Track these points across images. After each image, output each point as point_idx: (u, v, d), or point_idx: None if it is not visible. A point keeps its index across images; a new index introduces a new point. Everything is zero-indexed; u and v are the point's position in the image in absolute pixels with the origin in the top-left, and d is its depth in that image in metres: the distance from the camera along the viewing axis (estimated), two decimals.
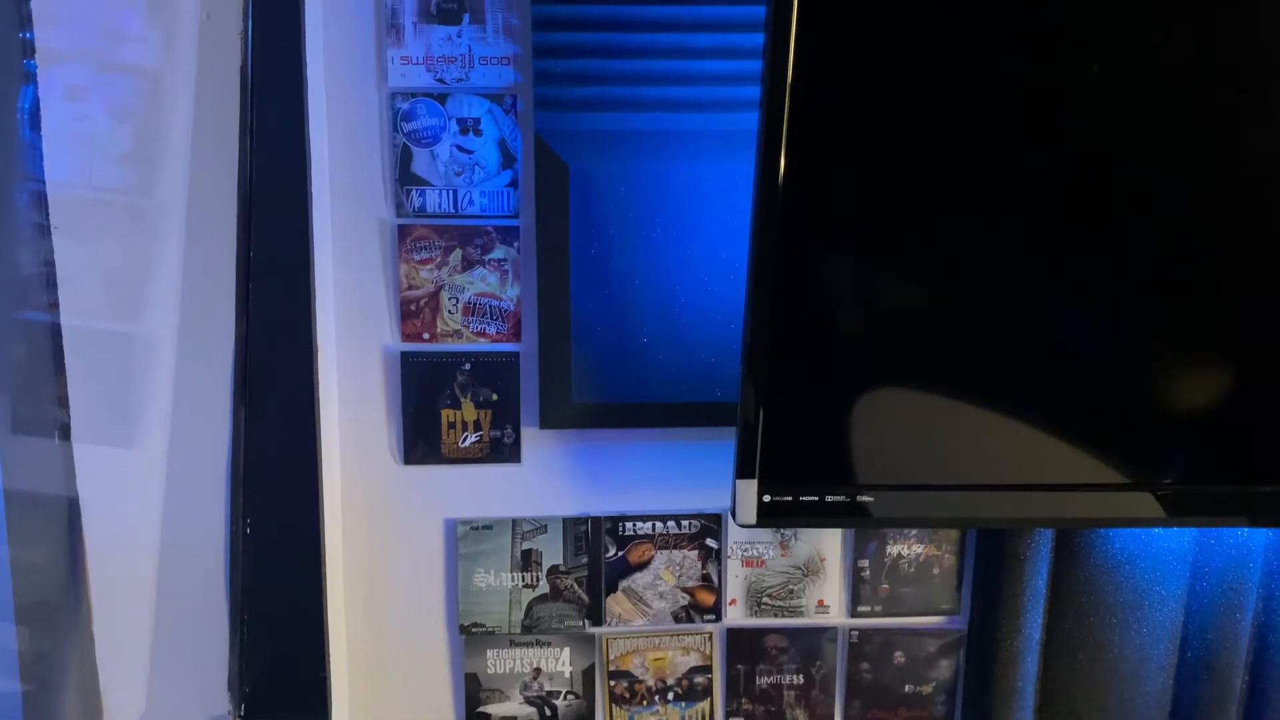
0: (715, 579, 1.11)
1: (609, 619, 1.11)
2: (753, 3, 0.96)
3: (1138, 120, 0.87)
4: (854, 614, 1.12)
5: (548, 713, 1.12)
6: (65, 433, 1.00)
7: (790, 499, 0.94)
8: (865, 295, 0.90)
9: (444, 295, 1.04)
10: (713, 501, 1.10)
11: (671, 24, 0.97)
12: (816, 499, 0.94)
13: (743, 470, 0.92)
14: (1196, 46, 0.85)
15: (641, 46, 0.98)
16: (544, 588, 1.10)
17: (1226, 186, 0.89)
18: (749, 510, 0.94)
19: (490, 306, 1.04)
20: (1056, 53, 0.84)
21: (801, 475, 0.93)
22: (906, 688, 1.14)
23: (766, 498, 0.93)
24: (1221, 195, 0.89)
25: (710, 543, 1.10)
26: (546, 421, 1.05)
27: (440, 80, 1.00)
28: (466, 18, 0.99)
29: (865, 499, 0.95)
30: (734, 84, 0.98)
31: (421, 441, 1.06)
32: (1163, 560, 1.07)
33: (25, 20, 0.91)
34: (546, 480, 1.08)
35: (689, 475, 1.09)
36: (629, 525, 1.09)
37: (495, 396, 1.06)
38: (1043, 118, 0.86)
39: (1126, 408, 0.94)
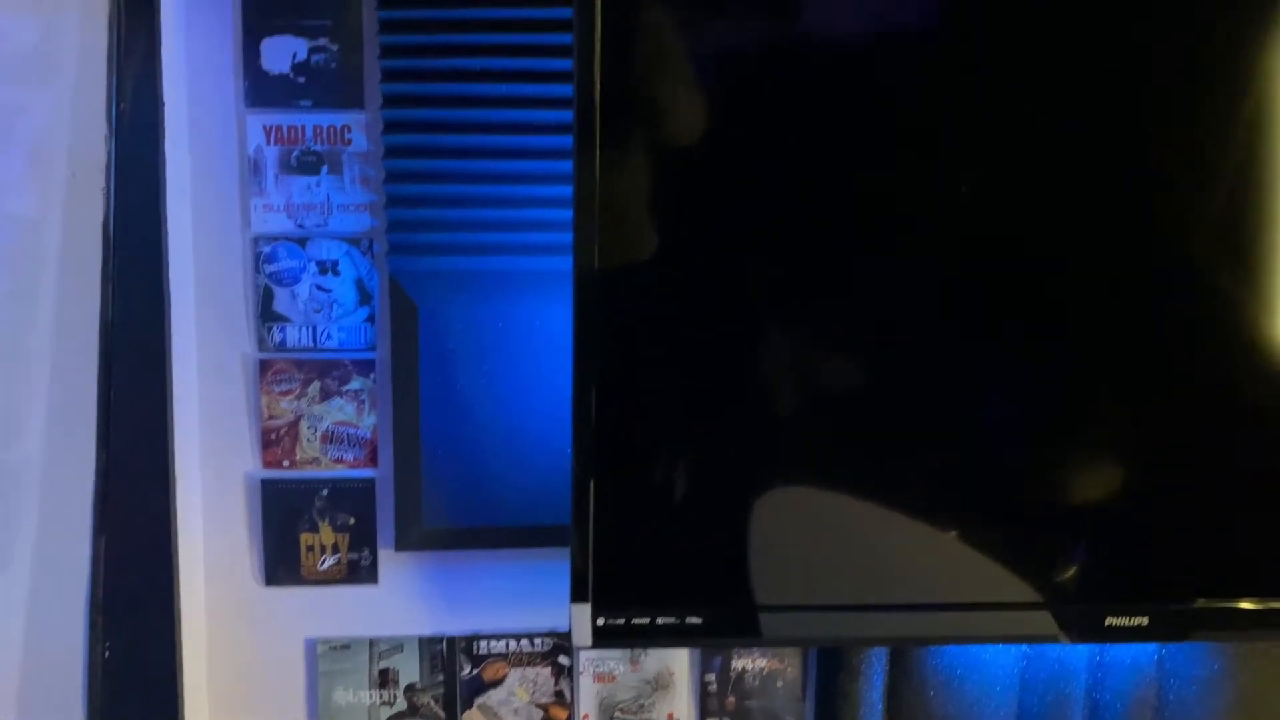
0: (568, 694, 1.15)
1: None
2: None
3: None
4: None
5: None
6: None
7: (623, 622, 0.98)
8: (684, 423, 0.96)
9: (303, 424, 1.10)
10: (564, 620, 1.14)
11: (516, 176, 1.05)
12: (648, 622, 0.99)
13: (576, 594, 0.97)
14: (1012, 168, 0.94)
15: (487, 197, 1.06)
16: (401, 705, 1.14)
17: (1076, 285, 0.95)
18: (584, 633, 0.98)
19: (348, 434, 1.10)
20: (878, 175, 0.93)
21: (633, 598, 0.97)
22: None
23: (600, 620, 0.98)
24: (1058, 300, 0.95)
25: (562, 659, 1.15)
26: (401, 544, 1.11)
27: (300, 225, 1.08)
28: (325, 169, 1.07)
29: (694, 621, 1.00)
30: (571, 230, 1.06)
31: (282, 564, 1.11)
32: (992, 673, 1.13)
33: None
34: (403, 601, 1.13)
35: (541, 594, 1.14)
36: (483, 644, 1.14)
37: (352, 520, 1.11)
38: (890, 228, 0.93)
39: (983, 521, 0.98)
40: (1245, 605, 0.99)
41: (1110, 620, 0.98)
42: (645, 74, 0.87)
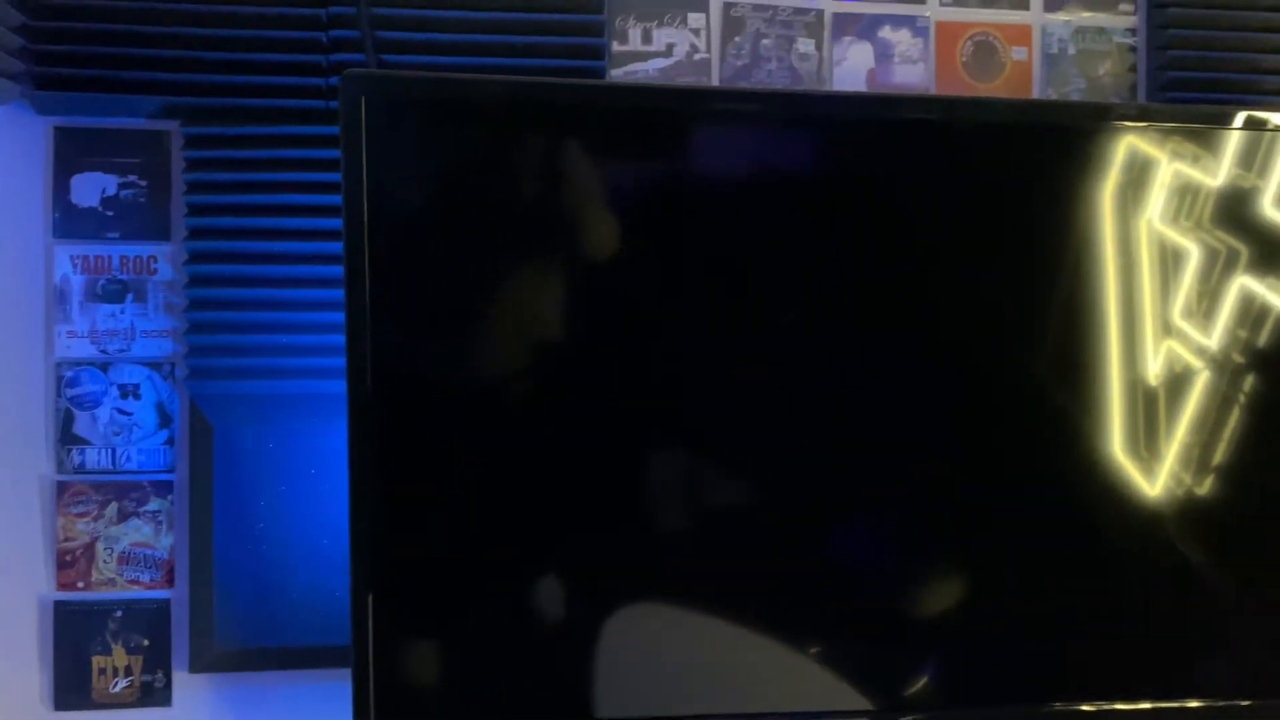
0: None
1: None
2: None
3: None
4: None
5: None
6: None
7: None
8: (460, 541, 0.99)
9: (99, 546, 1.11)
10: None
11: (310, 304, 1.11)
12: None
13: (359, 713, 0.99)
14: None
15: (282, 323, 1.11)
16: None
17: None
18: None
19: (145, 555, 1.12)
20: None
21: (416, 717, 0.99)
22: None
23: None
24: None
25: None
26: (196, 665, 1.11)
27: (104, 351, 1.11)
28: (130, 297, 1.11)
29: None
30: None
31: (73, 688, 1.11)
32: None
33: None
34: None
35: (335, 714, 1.14)
36: None
37: (146, 642, 1.11)
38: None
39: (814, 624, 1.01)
40: (1086, 708, 1.03)
41: None
42: (408, 219, 0.93)
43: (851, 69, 1.20)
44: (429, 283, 0.94)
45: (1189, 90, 1.23)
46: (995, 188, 1.01)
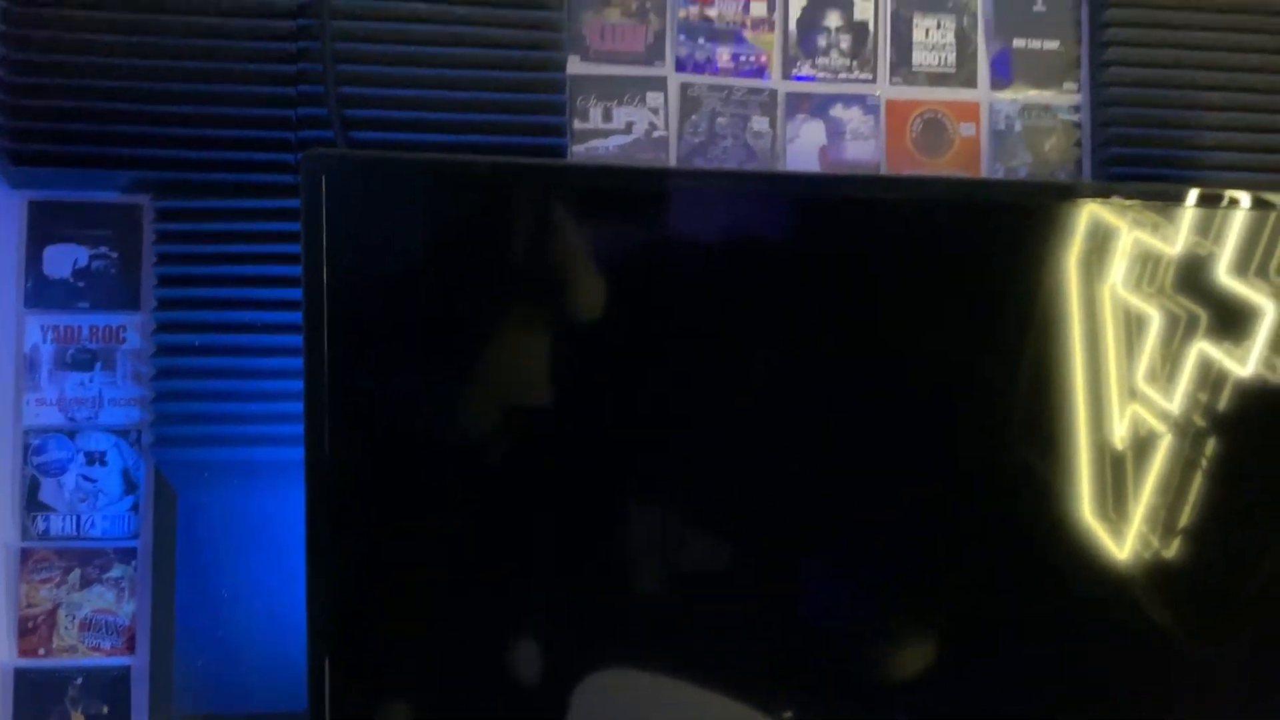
0: None
1: None
2: None
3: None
4: None
5: None
6: None
7: None
8: (417, 608, 1.01)
9: (61, 613, 1.12)
10: None
11: (275, 372, 1.13)
12: None
13: None
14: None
15: (248, 391, 1.13)
16: None
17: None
18: None
19: (107, 622, 1.13)
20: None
21: None
22: None
23: None
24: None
25: None
26: None
27: (71, 419, 1.13)
28: (99, 365, 1.14)
29: None
30: None
31: None
32: None
33: None
34: None
35: None
36: None
37: (106, 709, 1.12)
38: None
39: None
40: None
41: None
42: (366, 292, 0.96)
43: (804, 146, 1.25)
44: (386, 353, 0.97)
45: (1132, 165, 1.27)
46: (960, 260, 1.05)
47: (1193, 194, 1.06)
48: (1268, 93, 1.29)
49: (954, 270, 1.05)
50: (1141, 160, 1.28)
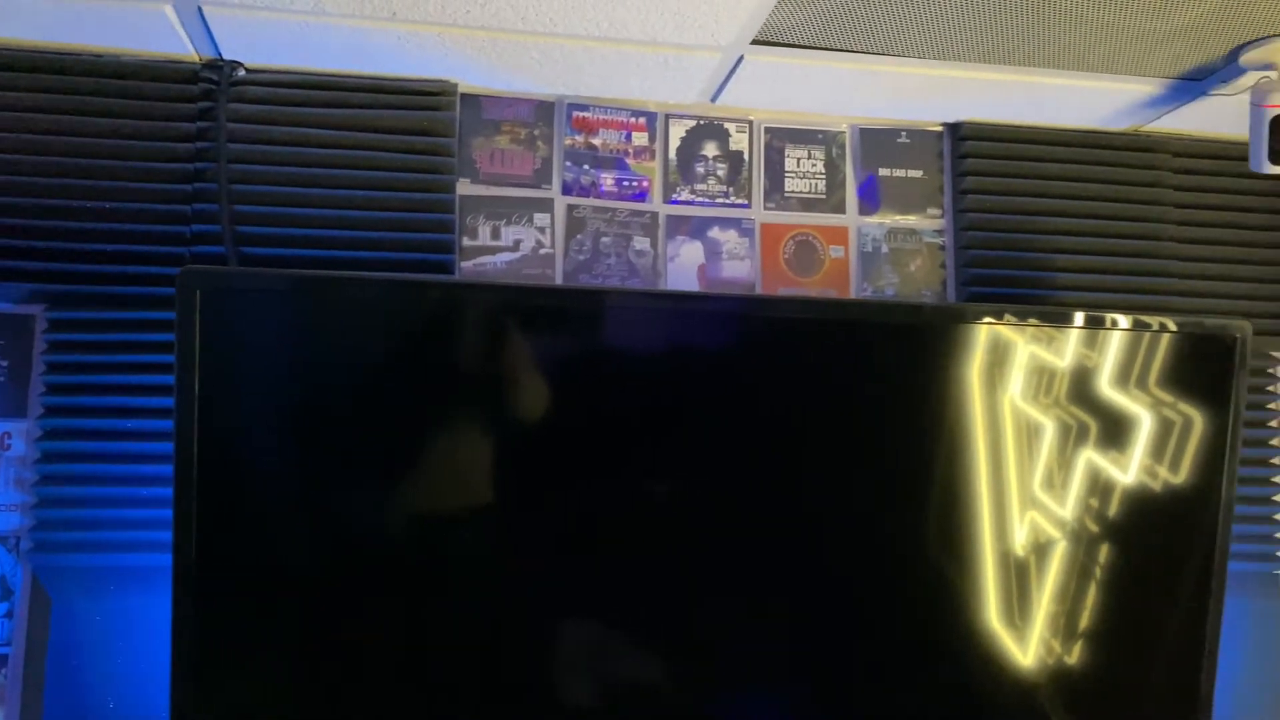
0: None
1: None
2: None
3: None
4: None
5: None
6: None
7: None
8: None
9: None
10: None
11: (157, 479, 1.15)
12: None
13: None
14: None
15: (129, 498, 1.15)
16: None
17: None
18: None
19: None
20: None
21: None
22: None
23: None
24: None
25: None
26: None
27: None
28: None
29: None
30: None
31: None
32: None
33: None
34: None
35: None
36: None
37: None
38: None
39: None
40: None
41: None
42: (236, 401, 1.00)
43: (684, 264, 1.32)
44: (254, 463, 1.00)
45: (991, 285, 1.36)
46: (839, 374, 1.12)
47: (1078, 316, 1.14)
48: (1110, 219, 1.40)
49: (833, 382, 1.12)
50: (999, 281, 1.37)
